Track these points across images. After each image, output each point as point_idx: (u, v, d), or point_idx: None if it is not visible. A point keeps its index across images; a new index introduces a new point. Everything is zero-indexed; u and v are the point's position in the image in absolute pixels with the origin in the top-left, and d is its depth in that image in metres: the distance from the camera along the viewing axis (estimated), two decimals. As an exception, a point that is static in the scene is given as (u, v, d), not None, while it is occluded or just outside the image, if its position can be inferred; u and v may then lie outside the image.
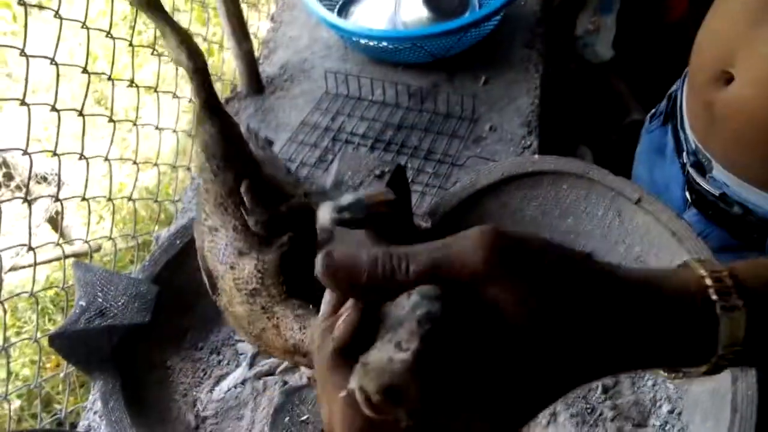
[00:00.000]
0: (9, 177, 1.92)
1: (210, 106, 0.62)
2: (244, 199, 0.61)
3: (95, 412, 1.00)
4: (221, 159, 0.62)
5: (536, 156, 0.95)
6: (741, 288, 0.39)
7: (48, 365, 1.85)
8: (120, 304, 0.83)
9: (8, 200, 0.78)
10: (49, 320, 2.10)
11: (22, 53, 0.83)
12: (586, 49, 1.99)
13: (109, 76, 1.02)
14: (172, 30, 0.59)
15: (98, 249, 1.99)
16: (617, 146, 1.75)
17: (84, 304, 0.82)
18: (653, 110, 1.14)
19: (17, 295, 0.93)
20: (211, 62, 1.84)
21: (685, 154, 1.00)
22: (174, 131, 1.26)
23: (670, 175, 1.05)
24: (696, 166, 0.97)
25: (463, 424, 0.33)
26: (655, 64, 1.85)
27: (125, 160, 1.18)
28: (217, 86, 1.45)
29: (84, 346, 0.81)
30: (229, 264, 0.58)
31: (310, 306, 0.54)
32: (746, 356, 0.40)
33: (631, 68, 1.91)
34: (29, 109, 0.85)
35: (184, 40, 0.60)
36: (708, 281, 0.39)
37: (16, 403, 1.97)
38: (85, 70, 0.95)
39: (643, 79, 1.89)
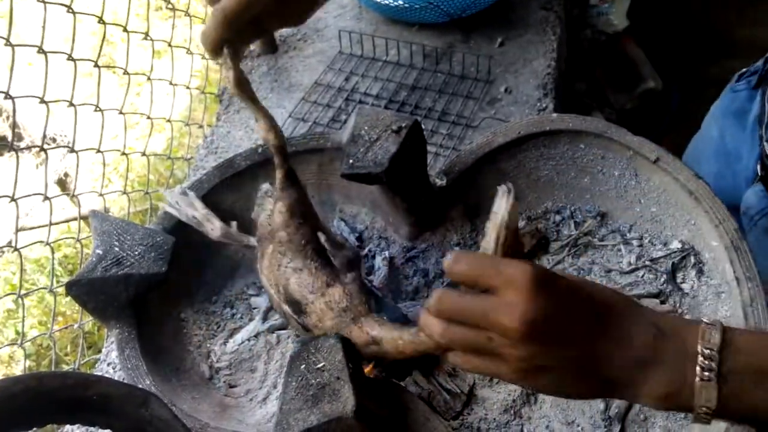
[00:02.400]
0: (19, 137, 1.91)
1: (291, 176, 0.79)
2: (326, 245, 0.79)
3: (109, 363, 1.01)
4: (300, 217, 0.79)
5: (554, 114, 0.95)
6: (721, 368, 0.52)
7: (55, 326, 1.87)
8: (136, 253, 0.83)
9: (26, 148, 0.77)
10: (57, 282, 2.11)
11: (39, -1, 0.82)
12: (600, 18, 1.97)
13: (124, 28, 1.01)
14: (264, 116, 0.75)
15: (106, 212, 1.99)
16: (631, 114, 1.74)
17: (101, 252, 0.82)
18: (744, 69, 1.04)
19: (33, 243, 0.93)
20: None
21: (765, 126, 0.94)
22: (187, 87, 1.25)
23: (744, 143, 0.99)
24: None
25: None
26: (672, 33, 1.83)
27: (138, 114, 1.17)
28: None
29: (101, 293, 0.82)
30: (320, 293, 0.77)
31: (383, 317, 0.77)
32: (722, 417, 0.54)
33: (646, 37, 1.89)
34: (46, 57, 0.85)
35: (273, 125, 0.76)
36: (699, 349, 0.52)
37: (26, 364, 1.99)
38: (101, 20, 0.94)
39: (660, 48, 1.87)
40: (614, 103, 1.79)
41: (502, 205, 0.62)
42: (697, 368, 0.51)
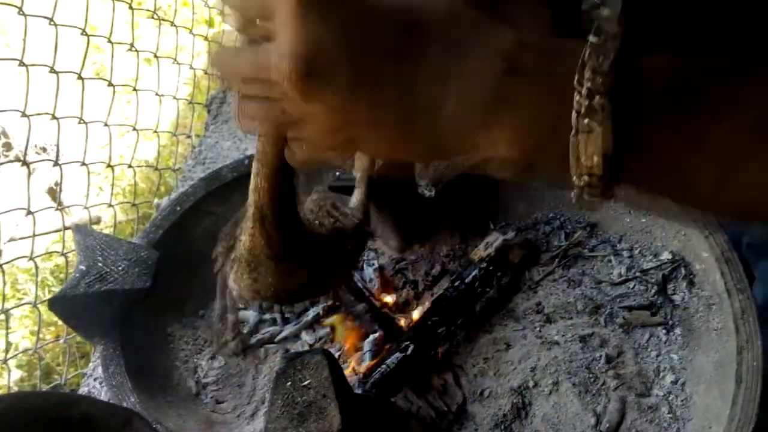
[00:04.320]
0: (8, 147, 1.90)
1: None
2: None
3: (95, 379, 1.00)
4: None
5: (543, 124, 0.94)
6: (619, 97, 0.32)
7: (48, 336, 1.85)
8: (120, 268, 0.82)
9: (5, 162, 0.76)
10: (49, 292, 2.09)
11: (20, 12, 0.81)
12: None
13: (108, 39, 1.00)
14: None
15: (98, 221, 1.97)
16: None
17: (84, 268, 0.81)
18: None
19: (16, 259, 0.91)
20: (212, 32, 1.82)
21: None
22: (174, 98, 1.24)
23: None
24: None
25: None
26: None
27: (125, 126, 1.16)
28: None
29: (84, 310, 0.80)
30: None
31: None
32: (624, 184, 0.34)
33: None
34: (27, 70, 0.83)
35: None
36: (583, 73, 0.33)
37: (17, 374, 1.97)
38: (83, 32, 0.93)
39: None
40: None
41: None
42: (576, 98, 0.33)
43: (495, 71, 0.35)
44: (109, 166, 1.07)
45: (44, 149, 2.07)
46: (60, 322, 1.91)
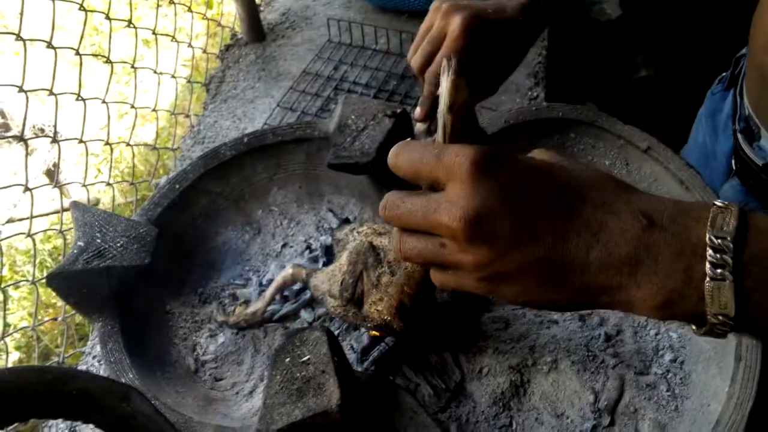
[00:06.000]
0: (6, 128, 1.89)
1: None
2: None
3: (94, 357, 1.00)
4: None
5: (544, 103, 0.93)
6: (740, 258, 0.40)
7: (46, 317, 1.86)
8: (119, 245, 0.82)
9: (3, 138, 0.76)
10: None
11: (16, -15, 0.80)
12: (593, 7, 1.95)
13: (107, 15, 0.99)
14: None
15: (96, 203, 1.97)
16: (624, 102, 1.73)
17: (82, 244, 0.81)
18: (723, 73, 1.05)
19: (14, 235, 0.91)
20: (211, 13, 1.80)
21: (737, 119, 0.94)
22: (173, 76, 1.23)
23: (719, 141, 1.00)
24: (746, 132, 0.91)
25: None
26: (664, 23, 1.82)
27: (123, 104, 1.15)
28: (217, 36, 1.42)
29: (82, 286, 0.80)
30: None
31: None
32: (745, 327, 0.42)
33: (639, 26, 1.87)
34: (25, 45, 0.83)
35: None
36: (708, 238, 0.41)
37: (15, 356, 1.97)
38: (81, 7, 0.92)
39: (652, 37, 1.85)
40: (607, 91, 1.78)
41: (442, 86, 0.50)
42: (706, 264, 0.40)
43: (636, 227, 0.42)
44: (107, 144, 1.06)
45: (42, 130, 2.06)
46: (59, 304, 1.92)
